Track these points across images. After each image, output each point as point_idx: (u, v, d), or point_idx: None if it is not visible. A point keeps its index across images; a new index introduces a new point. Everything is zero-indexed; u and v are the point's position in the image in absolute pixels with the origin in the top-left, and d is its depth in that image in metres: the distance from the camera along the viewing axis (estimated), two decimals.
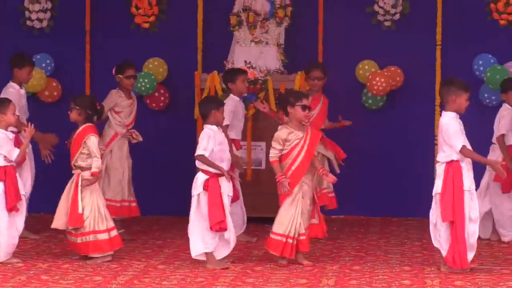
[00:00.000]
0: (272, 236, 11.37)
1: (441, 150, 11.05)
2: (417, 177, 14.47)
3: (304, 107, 11.33)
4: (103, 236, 11.47)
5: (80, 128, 11.54)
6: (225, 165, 11.37)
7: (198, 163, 11.32)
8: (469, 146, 10.93)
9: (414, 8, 14.54)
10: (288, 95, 11.54)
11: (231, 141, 12.31)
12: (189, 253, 11.60)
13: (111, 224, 11.55)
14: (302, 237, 11.38)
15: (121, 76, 12.99)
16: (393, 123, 14.47)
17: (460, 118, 10.94)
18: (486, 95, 14.18)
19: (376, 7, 14.58)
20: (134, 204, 13.11)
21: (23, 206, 11.62)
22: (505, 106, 12.79)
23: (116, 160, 13.02)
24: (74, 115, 11.58)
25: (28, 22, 14.81)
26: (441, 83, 11.44)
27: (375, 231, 13.57)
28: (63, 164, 12.11)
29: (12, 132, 11.66)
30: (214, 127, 11.38)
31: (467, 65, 14.32)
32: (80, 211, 11.42)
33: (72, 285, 10.36)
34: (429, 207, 14.10)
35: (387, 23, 14.61)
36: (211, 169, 11.24)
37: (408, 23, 14.58)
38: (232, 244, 11.37)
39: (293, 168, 11.33)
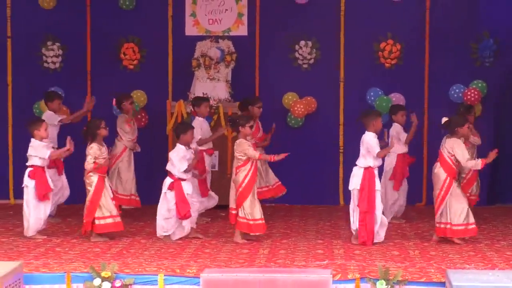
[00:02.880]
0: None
1: (361, 158, 11.18)
2: (326, 176, 14.50)
3: (251, 127, 11.34)
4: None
5: None
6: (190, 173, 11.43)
7: (169, 166, 11.32)
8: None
9: (324, 55, 14.56)
10: (239, 118, 11.51)
11: (203, 151, 12.28)
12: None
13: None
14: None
15: (126, 103, 12.94)
16: (309, 138, 14.45)
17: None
18: None
19: (296, 54, 14.58)
20: (137, 198, 13.03)
21: (51, 197, 11.51)
22: (394, 125, 12.75)
23: (126, 166, 12.92)
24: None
25: (45, 64, 14.66)
26: (362, 113, 11.53)
27: (296, 215, 13.53)
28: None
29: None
30: (183, 147, 11.34)
31: (362, 96, 14.35)
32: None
33: (78, 255, 10.32)
34: (335, 198, 14.31)
35: (304, 66, 14.60)
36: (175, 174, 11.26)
37: (320, 66, 14.59)
38: (187, 230, 11.34)
39: (252, 169, 11.28)
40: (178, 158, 11.31)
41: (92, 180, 11.31)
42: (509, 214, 13.46)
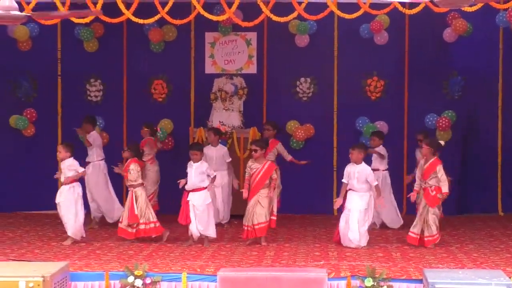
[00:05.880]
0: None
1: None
2: (322, 190, 14.40)
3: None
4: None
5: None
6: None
7: None
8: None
9: (320, 89, 14.52)
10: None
11: None
12: (186, 236, 11.38)
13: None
14: (256, 226, 11.19)
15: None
16: (309, 158, 14.21)
17: None
18: (363, 141, 14.02)
19: (297, 89, 14.55)
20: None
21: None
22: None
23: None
24: (126, 155, 11.67)
25: (89, 97, 14.65)
26: (357, 146, 11.43)
27: (297, 223, 13.40)
28: None
29: None
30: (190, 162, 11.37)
31: (352, 124, 14.30)
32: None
33: (115, 256, 10.26)
34: (329, 209, 14.19)
35: (304, 98, 14.55)
36: None
37: (317, 98, 14.54)
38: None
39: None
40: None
41: None
42: (475, 222, 13.38)
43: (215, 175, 11.46)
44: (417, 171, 11.38)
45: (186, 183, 11.17)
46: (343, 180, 11.25)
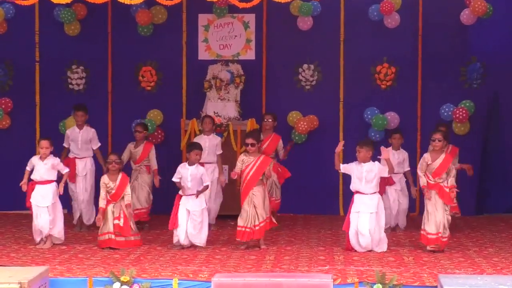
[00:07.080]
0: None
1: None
2: (327, 188, 14.42)
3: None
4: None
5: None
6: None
7: None
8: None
9: (325, 77, 14.52)
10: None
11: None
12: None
13: None
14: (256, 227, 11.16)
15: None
16: (312, 153, 14.38)
17: None
18: (372, 134, 14.14)
19: (300, 76, 14.55)
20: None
21: None
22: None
23: None
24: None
25: (70, 86, 14.65)
26: (365, 144, 11.33)
27: (300, 223, 13.45)
28: None
29: None
30: (185, 164, 11.32)
31: (360, 115, 14.30)
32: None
33: (99, 261, 10.27)
34: (335, 208, 14.25)
35: (307, 87, 14.56)
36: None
37: (321, 87, 14.54)
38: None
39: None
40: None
41: None
42: (495, 223, 13.39)
43: (208, 185, 11.41)
44: (421, 166, 11.26)
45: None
46: (341, 165, 11.33)
